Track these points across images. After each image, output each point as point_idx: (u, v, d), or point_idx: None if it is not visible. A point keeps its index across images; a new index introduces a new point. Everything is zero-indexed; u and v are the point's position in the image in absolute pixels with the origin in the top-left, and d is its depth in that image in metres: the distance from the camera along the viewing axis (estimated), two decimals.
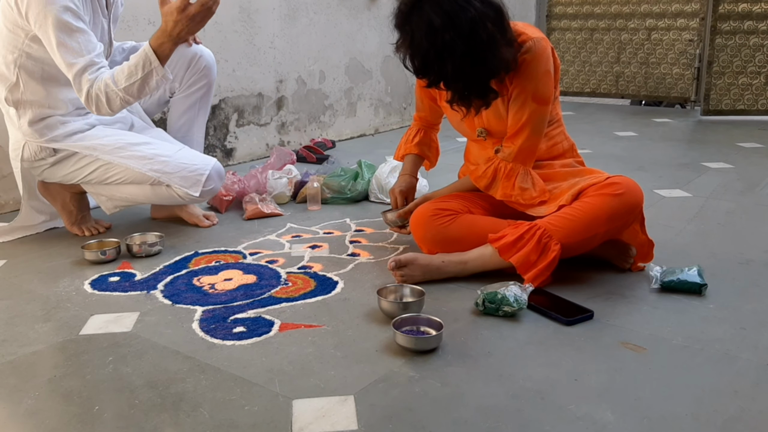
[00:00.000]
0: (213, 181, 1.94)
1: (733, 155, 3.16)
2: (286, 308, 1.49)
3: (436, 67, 1.46)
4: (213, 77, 2.15)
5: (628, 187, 1.58)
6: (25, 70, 1.81)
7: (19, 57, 1.79)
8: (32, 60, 1.80)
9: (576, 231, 1.54)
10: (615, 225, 1.57)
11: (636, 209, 1.59)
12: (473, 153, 1.86)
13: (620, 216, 1.56)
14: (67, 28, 1.69)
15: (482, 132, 1.73)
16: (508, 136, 1.66)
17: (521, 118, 1.61)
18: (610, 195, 1.55)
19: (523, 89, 1.59)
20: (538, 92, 1.59)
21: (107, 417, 1.08)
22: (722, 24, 4.23)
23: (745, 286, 1.60)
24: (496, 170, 1.67)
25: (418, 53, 1.46)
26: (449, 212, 1.71)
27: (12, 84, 1.81)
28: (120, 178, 1.90)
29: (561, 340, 1.33)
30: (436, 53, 1.43)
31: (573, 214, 1.55)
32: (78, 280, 1.68)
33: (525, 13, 5.14)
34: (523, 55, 1.56)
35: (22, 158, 1.90)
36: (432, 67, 1.47)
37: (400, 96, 4.12)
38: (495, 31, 1.45)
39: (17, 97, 1.83)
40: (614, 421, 1.05)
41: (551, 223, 1.55)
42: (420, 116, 1.95)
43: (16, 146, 1.90)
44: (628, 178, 1.61)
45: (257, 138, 3.21)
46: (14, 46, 1.78)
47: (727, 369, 1.21)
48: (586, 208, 1.55)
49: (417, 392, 1.14)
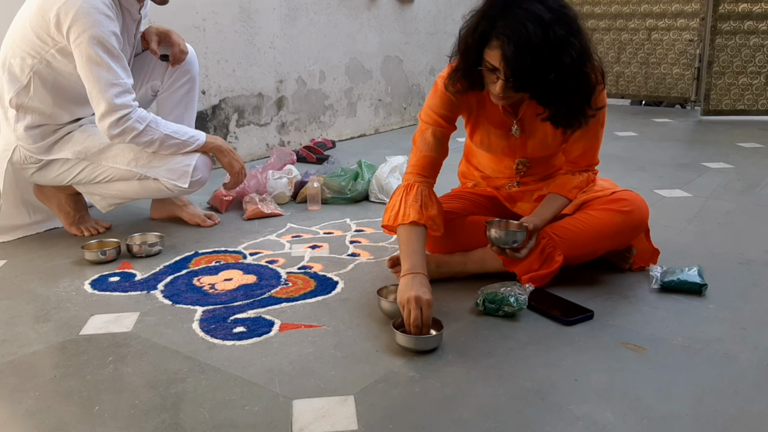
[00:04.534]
0: (200, 171, 1.93)
1: (733, 155, 3.16)
2: (286, 308, 1.49)
3: (549, 64, 1.29)
4: (195, 72, 2.14)
5: (636, 204, 1.57)
6: (39, 77, 1.81)
7: (38, 63, 1.79)
8: (50, 69, 1.80)
9: (581, 244, 1.54)
10: (620, 240, 1.59)
11: (642, 226, 1.60)
12: (482, 162, 1.76)
13: (626, 233, 1.57)
14: (110, 53, 1.73)
15: (524, 162, 1.64)
16: (574, 159, 1.59)
17: (594, 145, 1.57)
18: (617, 211, 1.55)
19: (596, 119, 1.49)
20: (604, 117, 1.55)
21: (107, 417, 1.08)
22: (722, 24, 4.23)
23: (745, 286, 1.60)
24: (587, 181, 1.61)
25: (526, 48, 1.27)
26: (452, 214, 1.70)
27: (22, 87, 1.81)
28: (108, 176, 1.91)
29: (561, 340, 1.33)
30: (551, 49, 1.28)
31: (579, 227, 1.55)
32: (78, 280, 1.68)
33: None
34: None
35: (11, 160, 1.90)
36: (544, 65, 1.29)
37: (400, 96, 4.12)
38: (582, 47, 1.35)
39: (23, 101, 1.83)
40: (614, 421, 1.05)
41: (556, 234, 1.54)
42: (427, 157, 1.52)
43: (6, 147, 1.90)
44: (635, 194, 1.60)
45: (257, 138, 3.21)
46: (36, 52, 1.78)
47: (727, 369, 1.21)
48: (593, 223, 1.54)
49: (417, 392, 1.14)
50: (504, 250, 1.48)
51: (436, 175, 1.57)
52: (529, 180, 1.70)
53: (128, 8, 1.86)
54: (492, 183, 1.78)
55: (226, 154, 1.99)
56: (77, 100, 1.84)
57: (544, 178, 1.69)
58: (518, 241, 1.47)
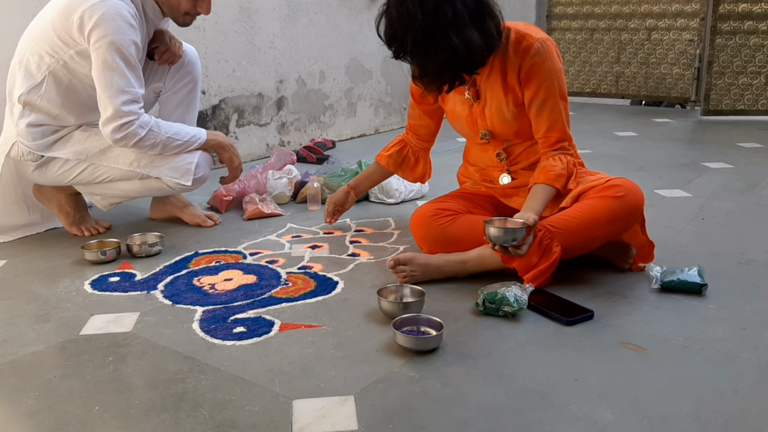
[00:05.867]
0: (202, 169, 1.94)
1: (733, 155, 3.16)
2: (286, 308, 1.49)
3: (399, 37, 1.46)
4: (197, 72, 2.15)
5: (629, 189, 1.58)
6: (54, 77, 1.81)
7: (55, 63, 1.79)
8: (66, 70, 1.81)
9: (577, 233, 1.54)
10: (616, 227, 1.57)
11: (637, 212, 1.59)
12: (473, 154, 1.85)
13: (621, 218, 1.56)
14: (127, 60, 1.75)
15: (486, 134, 1.72)
16: (544, 135, 1.62)
17: (558, 117, 1.60)
18: (611, 197, 1.55)
19: (549, 90, 1.58)
20: (562, 90, 1.60)
21: (107, 417, 1.08)
22: (722, 24, 4.23)
23: (745, 286, 1.60)
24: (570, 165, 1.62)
25: (388, 23, 1.48)
26: (449, 212, 1.71)
27: (35, 85, 1.82)
28: (109, 176, 1.91)
29: (561, 340, 1.33)
30: (400, 22, 1.44)
31: (574, 216, 1.55)
32: (78, 280, 1.68)
33: (525, 13, 5.14)
34: (534, 58, 1.56)
35: (8, 154, 1.90)
36: (395, 37, 1.47)
37: (400, 96, 4.12)
38: (464, 12, 1.44)
39: (32, 99, 1.83)
40: (614, 421, 1.05)
41: (552, 224, 1.54)
42: (410, 125, 1.91)
43: (6, 141, 1.90)
44: (628, 181, 1.61)
45: (257, 138, 3.21)
46: (55, 52, 1.78)
47: (727, 369, 1.21)
48: (587, 210, 1.55)
49: (417, 392, 1.14)
50: (505, 248, 1.48)
51: (421, 138, 1.92)
52: (518, 169, 1.74)
53: (153, 19, 1.89)
54: (486, 176, 1.81)
55: (227, 149, 2.00)
56: (89, 104, 1.85)
57: (531, 167, 1.71)
58: (518, 239, 1.46)
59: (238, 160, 2.03)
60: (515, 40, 1.58)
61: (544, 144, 1.63)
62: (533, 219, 1.48)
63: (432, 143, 1.95)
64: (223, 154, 2.00)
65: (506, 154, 1.74)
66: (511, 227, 1.47)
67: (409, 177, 1.99)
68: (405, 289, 1.51)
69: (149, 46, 1.98)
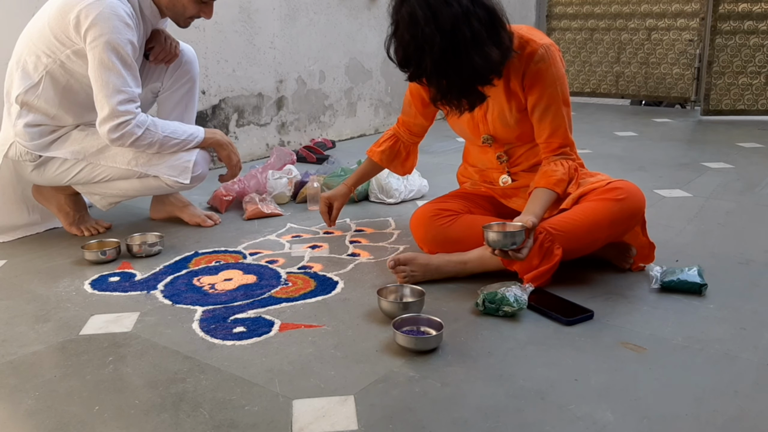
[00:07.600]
0: (200, 166, 1.94)
1: (733, 155, 3.16)
2: (286, 308, 1.49)
3: (415, 60, 1.43)
4: (195, 72, 2.15)
5: (631, 192, 1.58)
6: (51, 77, 1.81)
7: (52, 63, 1.79)
8: (63, 70, 1.80)
9: (578, 235, 1.54)
10: (617, 230, 1.58)
11: (638, 214, 1.59)
12: (473, 155, 1.85)
13: (622, 221, 1.56)
14: (124, 60, 1.75)
15: (488, 139, 1.71)
16: (546, 140, 1.61)
17: (561, 123, 1.59)
18: (612, 200, 1.55)
19: (552, 97, 1.57)
20: (565, 95, 1.59)
21: (107, 417, 1.08)
22: (722, 24, 4.23)
23: (745, 286, 1.60)
24: (572, 171, 1.62)
25: (400, 45, 1.44)
26: (450, 212, 1.71)
27: (32, 85, 1.81)
28: (107, 175, 1.91)
29: (561, 340, 1.33)
30: (415, 45, 1.40)
31: (575, 219, 1.55)
32: (78, 280, 1.68)
33: (525, 13, 5.14)
34: (537, 64, 1.55)
35: (6, 155, 1.90)
36: (411, 60, 1.44)
37: (400, 96, 4.12)
38: (482, 30, 1.41)
39: (29, 99, 1.83)
40: (614, 421, 1.05)
41: (553, 227, 1.54)
42: (403, 120, 1.90)
43: (4, 141, 1.90)
44: (629, 183, 1.61)
45: (257, 138, 3.21)
46: (52, 52, 1.78)
47: (727, 369, 1.21)
48: (588, 213, 1.54)
49: (417, 392, 1.14)
50: (506, 252, 1.47)
51: (413, 134, 1.91)
52: (519, 171, 1.73)
53: (150, 18, 1.89)
54: (486, 177, 1.80)
55: (225, 147, 2.00)
56: (86, 104, 1.84)
57: (531, 168, 1.70)
58: (517, 242, 1.46)
59: (236, 158, 2.03)
60: (519, 46, 1.55)
61: (546, 149, 1.63)
62: (532, 222, 1.47)
63: (423, 138, 1.95)
64: (222, 152, 2.00)
65: (507, 156, 1.74)
66: (510, 230, 1.46)
67: (399, 171, 1.99)
68: (405, 289, 1.51)
69: (146, 46, 1.98)
